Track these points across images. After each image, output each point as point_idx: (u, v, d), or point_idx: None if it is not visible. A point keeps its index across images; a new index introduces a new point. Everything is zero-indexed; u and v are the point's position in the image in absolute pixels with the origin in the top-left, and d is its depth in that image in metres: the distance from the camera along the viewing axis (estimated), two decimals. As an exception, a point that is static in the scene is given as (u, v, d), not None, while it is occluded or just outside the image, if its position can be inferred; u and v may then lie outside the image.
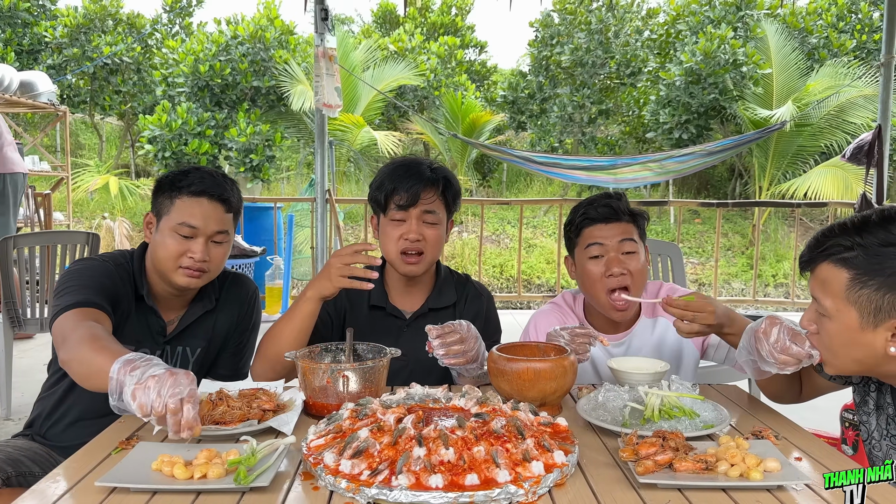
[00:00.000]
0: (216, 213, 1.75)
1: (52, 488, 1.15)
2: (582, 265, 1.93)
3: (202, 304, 1.87)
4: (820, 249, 1.33)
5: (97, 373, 1.32)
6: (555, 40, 12.32)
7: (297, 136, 12.03)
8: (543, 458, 1.17)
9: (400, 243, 1.84)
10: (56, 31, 12.37)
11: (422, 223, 1.84)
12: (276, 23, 11.53)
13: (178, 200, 1.73)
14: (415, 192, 1.82)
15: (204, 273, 1.76)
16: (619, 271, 1.85)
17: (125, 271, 1.78)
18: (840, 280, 1.29)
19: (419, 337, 1.84)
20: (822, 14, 11.68)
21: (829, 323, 1.32)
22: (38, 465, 1.67)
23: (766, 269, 10.01)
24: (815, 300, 1.34)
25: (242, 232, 6.40)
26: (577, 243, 1.94)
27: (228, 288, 1.93)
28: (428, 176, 1.84)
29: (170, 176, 1.77)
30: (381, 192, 1.85)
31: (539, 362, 1.48)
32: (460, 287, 2.00)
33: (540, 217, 12.01)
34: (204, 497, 1.12)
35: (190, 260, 1.72)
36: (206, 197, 1.74)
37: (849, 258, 1.28)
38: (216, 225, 1.75)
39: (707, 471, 1.17)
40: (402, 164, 1.88)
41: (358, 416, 1.31)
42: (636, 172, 5.69)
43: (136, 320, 1.78)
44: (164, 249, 1.73)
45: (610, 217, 1.89)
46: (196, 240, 1.73)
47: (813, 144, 10.41)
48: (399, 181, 1.82)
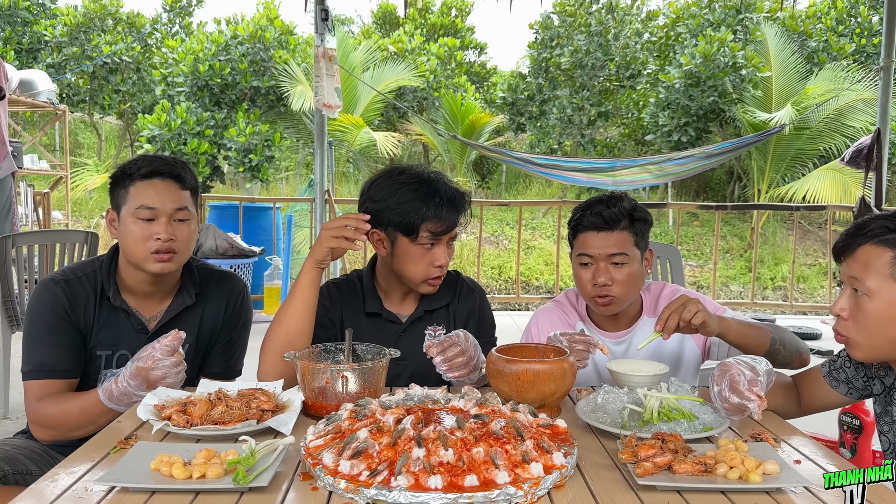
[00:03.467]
0: (171, 191, 1.75)
1: (51, 487, 1.15)
2: (574, 267, 1.96)
3: (182, 299, 1.86)
4: (863, 232, 1.40)
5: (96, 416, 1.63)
6: (554, 42, 12.33)
7: (296, 136, 12.03)
8: (542, 459, 1.17)
9: (431, 269, 1.80)
10: (56, 30, 12.36)
11: (449, 248, 1.82)
12: (275, 23, 11.52)
13: (132, 187, 1.74)
14: (454, 221, 1.79)
15: (174, 254, 1.76)
16: (603, 281, 1.86)
17: (85, 281, 1.78)
18: (884, 259, 1.36)
19: (417, 340, 1.85)
20: (821, 18, 11.70)
21: (869, 303, 1.37)
22: (35, 464, 1.67)
23: (764, 272, 10.02)
24: (854, 281, 1.39)
25: (241, 232, 6.40)
26: (574, 246, 1.96)
27: (214, 285, 1.92)
28: (459, 201, 1.80)
29: (119, 169, 1.79)
30: (414, 219, 1.75)
31: (538, 364, 1.48)
32: (451, 284, 1.97)
33: (539, 219, 12.01)
34: (202, 497, 1.11)
35: (157, 242, 1.72)
36: (157, 177, 1.75)
37: (891, 239, 1.36)
38: (173, 202, 1.75)
39: (706, 473, 1.17)
40: (433, 189, 1.77)
41: (357, 417, 1.31)
42: (635, 175, 5.70)
43: (105, 325, 1.79)
44: (130, 237, 1.73)
45: (602, 227, 1.88)
46: (158, 221, 1.73)
47: (812, 148, 10.42)
48: (438, 209, 1.75)
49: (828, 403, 1.65)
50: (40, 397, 1.70)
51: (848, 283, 1.41)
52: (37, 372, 1.71)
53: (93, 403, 1.63)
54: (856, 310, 1.39)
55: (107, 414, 1.61)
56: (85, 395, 1.67)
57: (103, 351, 1.79)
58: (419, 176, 1.80)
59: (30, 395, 1.72)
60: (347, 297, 1.93)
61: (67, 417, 1.67)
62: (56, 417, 1.68)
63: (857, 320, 1.39)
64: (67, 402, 1.68)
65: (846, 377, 1.61)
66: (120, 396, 1.59)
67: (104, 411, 1.62)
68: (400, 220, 1.76)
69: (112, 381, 1.60)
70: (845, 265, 1.43)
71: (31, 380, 1.72)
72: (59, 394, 1.71)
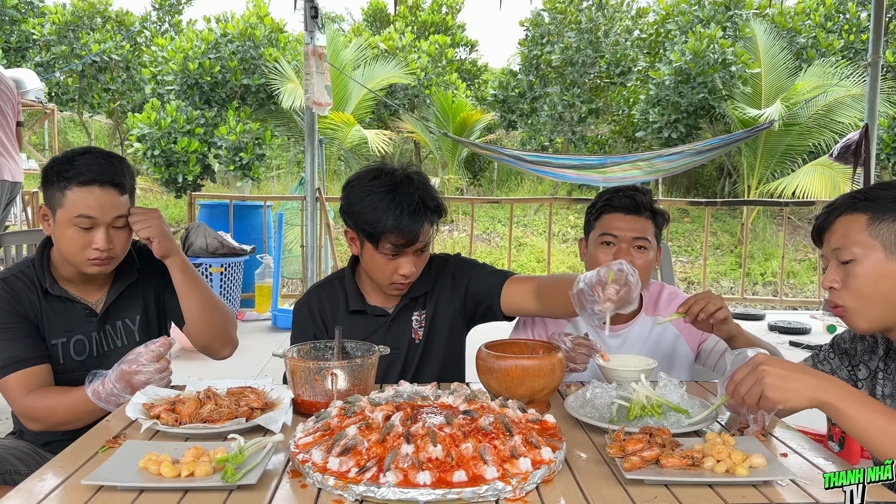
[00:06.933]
0: (111, 199, 1.70)
1: (39, 487, 1.14)
2: (593, 250, 1.97)
3: (124, 277, 1.86)
4: (834, 207, 1.46)
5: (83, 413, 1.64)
6: (545, 39, 12.32)
7: (287, 134, 11.98)
8: (531, 454, 1.17)
9: (395, 277, 1.80)
10: (44, 29, 12.27)
11: (416, 258, 1.81)
12: (265, 21, 11.47)
13: (69, 192, 1.68)
14: (415, 235, 1.75)
15: (111, 259, 1.75)
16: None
17: (19, 279, 1.77)
18: (860, 223, 1.41)
19: (405, 327, 1.89)
20: (810, 14, 11.73)
21: (857, 266, 1.41)
22: (24, 464, 1.66)
23: (754, 268, 10.06)
24: (839, 252, 1.43)
25: (232, 230, 6.38)
26: (595, 227, 1.98)
27: (152, 256, 1.86)
28: (424, 212, 1.74)
29: (55, 166, 1.71)
30: (376, 228, 1.73)
31: (527, 360, 1.49)
32: (427, 268, 1.95)
33: (530, 216, 12.02)
34: (191, 495, 1.11)
35: (95, 251, 1.70)
36: (97, 185, 1.68)
37: (862, 205, 1.42)
38: (113, 211, 1.71)
39: (693, 467, 1.18)
40: (398, 200, 1.71)
41: (346, 414, 1.31)
42: (626, 171, 5.72)
43: (53, 315, 1.78)
44: (67, 244, 1.70)
45: (631, 209, 1.92)
46: (97, 230, 1.70)
47: (801, 143, 10.46)
48: (399, 221, 1.70)
49: None
50: (26, 389, 1.68)
51: (832, 257, 1.45)
52: (7, 367, 1.69)
53: (80, 402, 1.64)
54: (846, 277, 1.42)
55: (95, 413, 1.62)
56: (72, 392, 1.67)
57: (58, 339, 1.78)
58: (390, 183, 1.75)
59: (12, 391, 1.70)
60: (329, 300, 1.94)
61: (54, 413, 1.68)
62: (44, 412, 1.68)
63: (850, 287, 1.42)
64: (54, 398, 1.68)
65: (830, 368, 1.63)
66: (107, 398, 1.60)
67: (92, 410, 1.62)
68: (364, 228, 1.76)
69: (99, 382, 1.61)
70: (826, 243, 1.47)
71: (5, 376, 1.69)
72: (47, 388, 1.71)
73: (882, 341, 1.56)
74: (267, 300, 6.10)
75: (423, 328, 1.92)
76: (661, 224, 1.98)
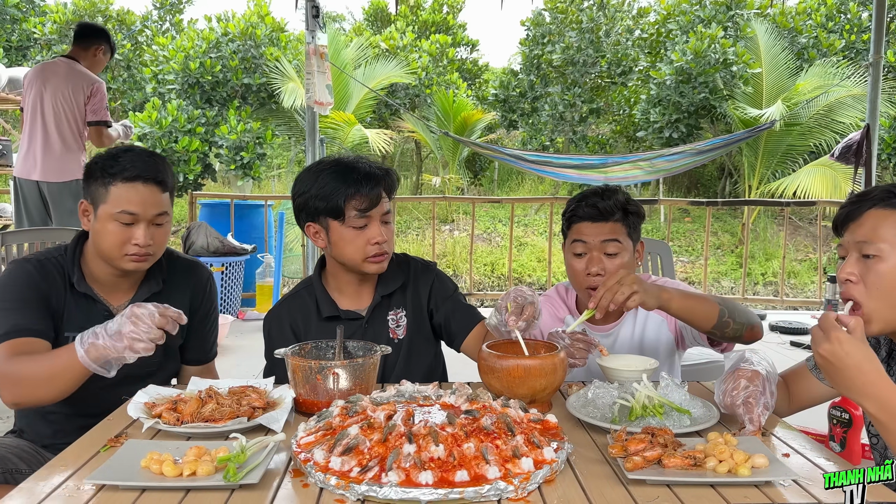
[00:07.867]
0: (153, 196, 1.73)
1: (40, 486, 1.14)
2: (567, 258, 1.99)
3: (149, 286, 1.86)
4: (868, 198, 1.41)
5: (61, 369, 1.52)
6: (546, 39, 12.31)
7: (288, 133, 11.99)
8: (533, 454, 1.17)
9: (368, 248, 1.80)
10: (45, 28, 12.27)
11: (382, 224, 1.82)
12: (266, 20, 11.47)
13: (113, 187, 1.70)
14: (376, 195, 1.79)
15: (150, 256, 1.76)
16: (596, 271, 1.89)
17: (53, 265, 1.77)
18: (892, 218, 1.37)
19: (381, 327, 1.91)
20: (811, 14, 11.73)
21: (881, 263, 1.36)
22: (25, 463, 1.66)
23: (755, 268, 10.05)
24: (864, 246, 1.38)
25: (233, 230, 6.37)
26: (567, 234, 1.99)
27: (180, 273, 1.90)
28: (380, 175, 1.80)
29: (100, 162, 1.74)
30: (337, 199, 1.77)
31: (529, 359, 1.49)
32: (404, 265, 1.98)
33: (531, 215, 12.02)
34: (193, 494, 1.11)
35: (135, 247, 1.71)
36: (140, 181, 1.71)
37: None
38: (155, 208, 1.73)
39: (695, 467, 1.18)
40: (350, 168, 1.79)
41: (348, 414, 1.31)
42: (627, 171, 5.72)
43: (75, 309, 1.78)
44: (107, 238, 1.72)
45: (596, 217, 1.92)
46: (138, 226, 1.71)
47: (802, 143, 10.45)
48: (358, 186, 1.76)
49: (817, 398, 1.65)
50: (13, 353, 1.61)
51: (854, 249, 1.40)
52: (8, 334, 1.64)
53: (63, 358, 1.53)
54: (865, 273, 1.38)
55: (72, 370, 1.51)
56: (56, 350, 1.59)
57: (72, 332, 1.75)
58: (337, 161, 1.83)
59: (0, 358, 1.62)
60: (300, 312, 1.93)
61: (31, 371, 1.57)
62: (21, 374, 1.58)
63: (869, 283, 1.37)
64: (35, 358, 1.60)
65: None
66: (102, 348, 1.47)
67: (70, 367, 1.50)
68: (325, 205, 1.79)
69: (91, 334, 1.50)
70: (850, 232, 1.42)
71: (3, 342, 1.63)
72: (28, 352, 1.62)
73: (885, 342, 1.55)
74: (268, 299, 6.10)
75: (402, 327, 1.93)
76: (635, 222, 1.96)
